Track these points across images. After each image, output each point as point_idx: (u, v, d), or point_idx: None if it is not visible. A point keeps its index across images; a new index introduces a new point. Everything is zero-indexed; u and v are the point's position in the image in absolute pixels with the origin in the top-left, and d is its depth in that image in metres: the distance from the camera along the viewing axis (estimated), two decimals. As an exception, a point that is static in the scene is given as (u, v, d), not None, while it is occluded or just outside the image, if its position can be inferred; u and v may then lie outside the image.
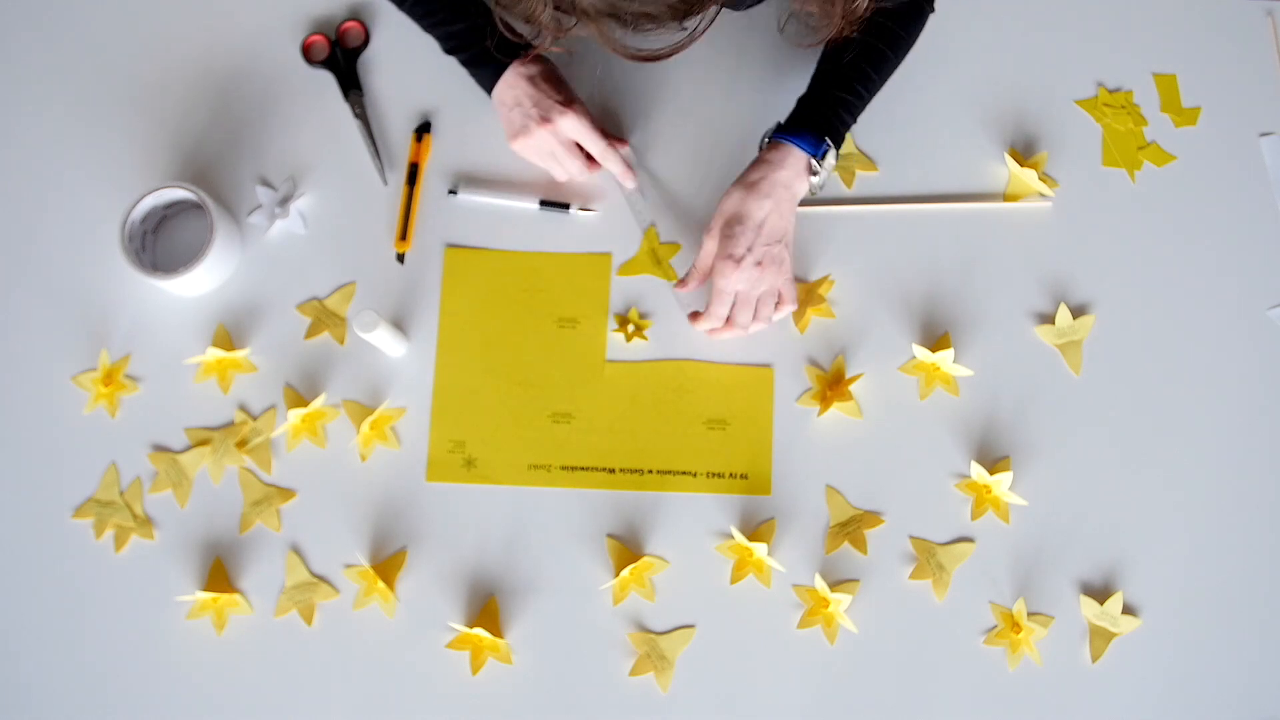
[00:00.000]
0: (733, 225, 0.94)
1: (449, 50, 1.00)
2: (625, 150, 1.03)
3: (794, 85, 0.98)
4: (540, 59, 0.99)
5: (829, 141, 0.94)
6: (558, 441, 0.98)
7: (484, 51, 0.97)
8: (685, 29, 0.74)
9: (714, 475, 0.97)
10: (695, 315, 0.98)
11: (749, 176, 0.94)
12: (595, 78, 1.05)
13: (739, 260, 0.93)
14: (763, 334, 0.99)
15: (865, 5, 0.85)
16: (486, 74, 0.99)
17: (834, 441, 0.98)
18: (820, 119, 0.95)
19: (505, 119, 1.00)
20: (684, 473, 0.97)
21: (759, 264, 0.94)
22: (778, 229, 0.94)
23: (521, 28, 0.81)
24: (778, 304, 0.97)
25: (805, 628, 0.93)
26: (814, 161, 0.94)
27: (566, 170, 1.01)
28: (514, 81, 0.98)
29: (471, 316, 1.00)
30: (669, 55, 0.77)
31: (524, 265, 1.01)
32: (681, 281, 0.99)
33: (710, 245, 0.95)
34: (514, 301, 1.01)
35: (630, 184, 1.02)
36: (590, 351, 1.00)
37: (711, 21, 0.76)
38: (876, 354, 0.99)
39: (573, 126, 0.98)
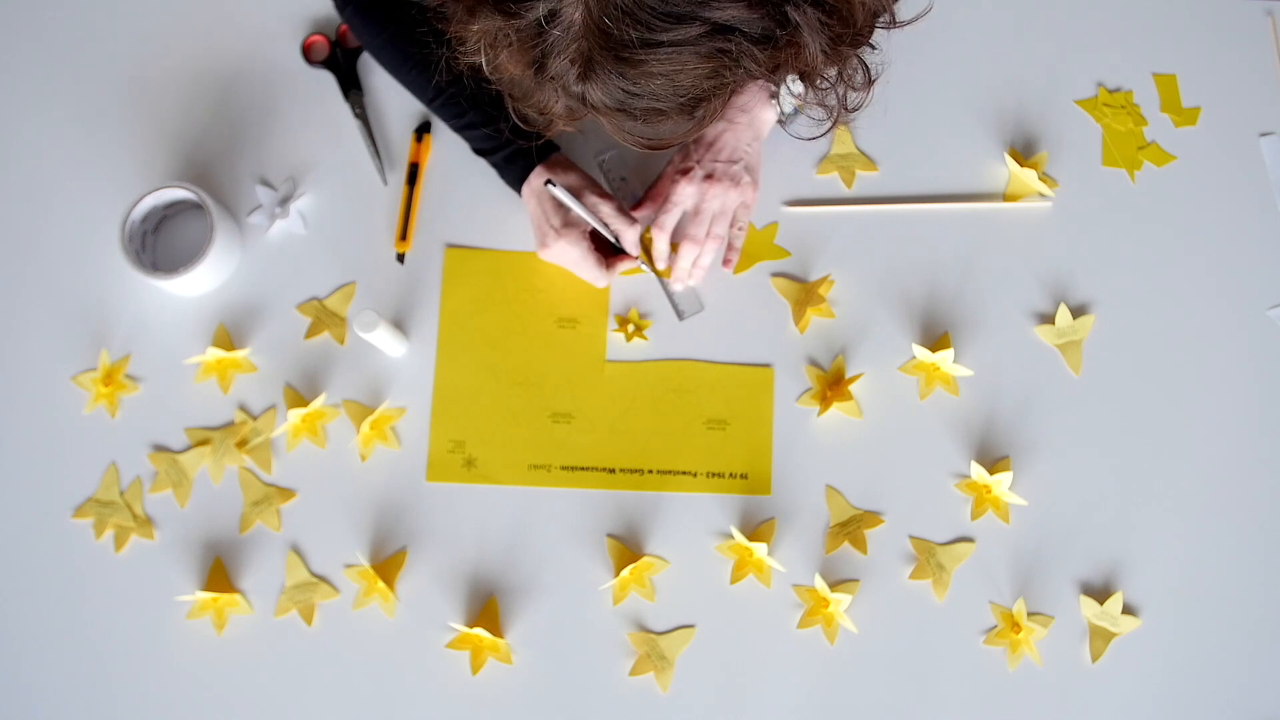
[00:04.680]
0: (686, 145, 0.97)
1: (477, 152, 0.99)
2: (639, 217, 0.99)
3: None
4: (556, 165, 0.96)
5: None
6: (558, 441, 0.98)
7: (506, 159, 0.97)
8: (695, 117, 0.73)
9: (714, 475, 0.97)
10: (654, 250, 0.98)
11: None
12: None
13: (688, 172, 0.95)
14: (762, 333, 0.99)
15: (864, 102, 0.81)
16: (510, 179, 0.98)
17: (834, 441, 0.98)
18: None
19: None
20: (684, 473, 0.97)
21: (709, 177, 0.95)
22: (733, 149, 0.95)
23: (536, 118, 0.78)
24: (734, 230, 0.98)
25: (805, 628, 0.94)
26: (771, 84, 0.93)
27: (591, 281, 0.99)
28: (527, 196, 0.97)
29: (472, 316, 1.00)
30: (678, 143, 0.76)
31: (524, 265, 1.01)
32: (637, 205, 1.00)
33: (668, 170, 0.98)
34: (514, 301, 1.01)
35: (603, 283, 0.99)
36: (590, 351, 1.00)
37: (719, 109, 0.74)
38: (876, 354, 0.99)
39: (562, 253, 0.96)
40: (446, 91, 0.95)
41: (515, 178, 0.98)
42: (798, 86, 0.94)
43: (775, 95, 0.93)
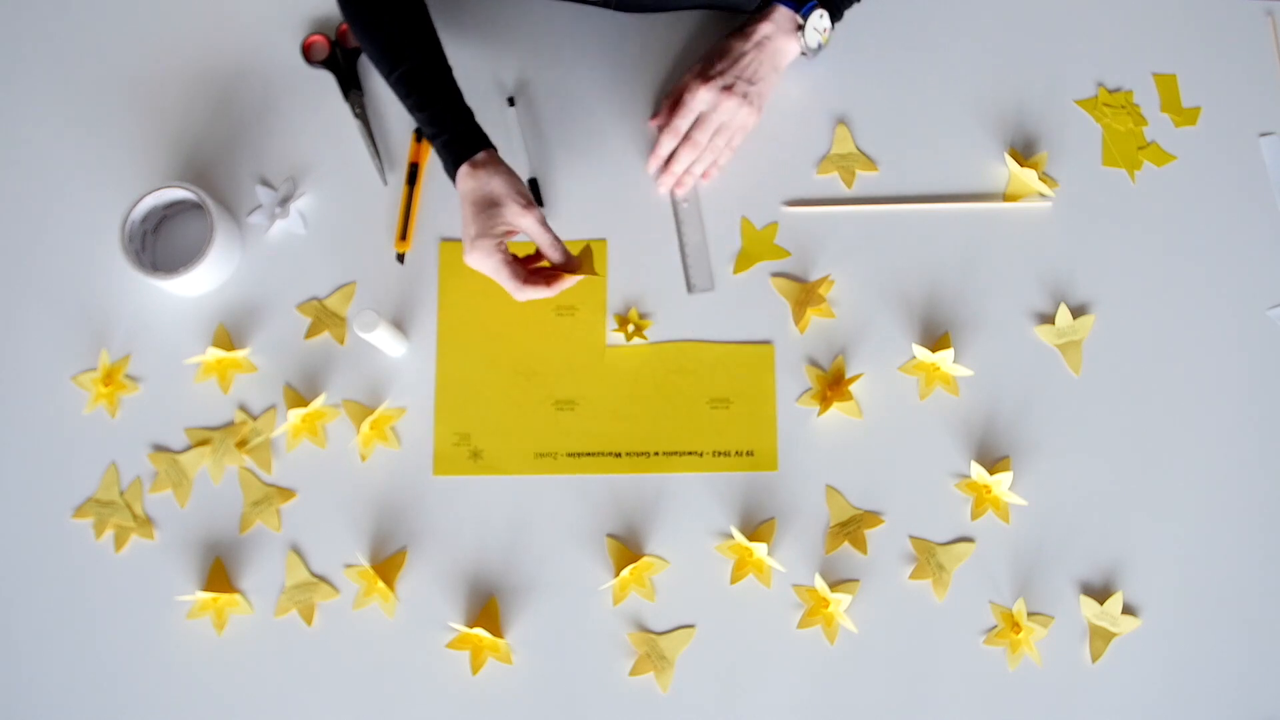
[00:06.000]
0: (711, 55, 1.00)
1: (426, 136, 0.96)
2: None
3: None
4: (481, 165, 0.92)
5: (818, 4, 0.99)
6: (563, 429, 0.98)
7: (443, 146, 0.93)
8: None
9: (720, 454, 0.97)
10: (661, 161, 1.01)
11: (739, 28, 1.00)
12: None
13: (709, 79, 0.98)
14: (762, 333, 0.99)
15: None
16: (446, 168, 0.95)
17: (834, 441, 0.98)
18: None
19: None
20: (690, 453, 0.97)
21: (728, 88, 0.98)
22: (754, 70, 0.99)
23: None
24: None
25: (805, 628, 0.94)
26: (799, 18, 0.99)
27: (509, 292, 0.93)
28: (459, 190, 0.94)
29: (470, 308, 1.00)
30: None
31: (519, 254, 1.01)
32: (656, 115, 1.02)
33: (686, 77, 1.01)
34: (512, 293, 1.01)
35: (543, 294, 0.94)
36: (590, 338, 1.00)
37: None
38: (876, 354, 0.99)
39: (478, 264, 0.92)
40: (399, 69, 0.93)
41: (449, 168, 0.94)
42: (824, 21, 0.99)
43: (801, 28, 0.97)
